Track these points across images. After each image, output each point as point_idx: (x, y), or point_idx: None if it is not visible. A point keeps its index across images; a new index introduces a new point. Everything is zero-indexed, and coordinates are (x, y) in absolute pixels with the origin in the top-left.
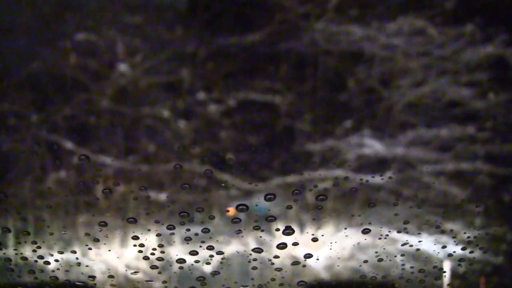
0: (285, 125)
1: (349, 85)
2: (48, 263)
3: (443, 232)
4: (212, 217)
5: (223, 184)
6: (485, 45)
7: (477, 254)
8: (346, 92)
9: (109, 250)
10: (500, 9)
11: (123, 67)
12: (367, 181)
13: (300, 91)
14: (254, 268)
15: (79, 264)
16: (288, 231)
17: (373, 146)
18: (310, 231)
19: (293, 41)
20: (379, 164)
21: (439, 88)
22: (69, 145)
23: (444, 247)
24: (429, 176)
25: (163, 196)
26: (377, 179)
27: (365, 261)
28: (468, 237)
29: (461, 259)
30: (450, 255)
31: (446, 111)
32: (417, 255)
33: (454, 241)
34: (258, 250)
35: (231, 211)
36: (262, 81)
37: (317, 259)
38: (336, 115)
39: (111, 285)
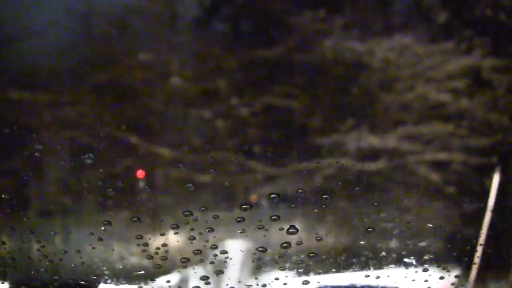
0: (299, 123)
1: (352, 90)
2: (52, 262)
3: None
4: (216, 216)
5: (250, 170)
6: (463, 57)
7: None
8: (349, 96)
9: (113, 250)
10: (476, 27)
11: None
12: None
13: (312, 96)
14: (258, 267)
15: (83, 263)
16: (292, 230)
17: (370, 140)
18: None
19: (306, 54)
20: (374, 154)
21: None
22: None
23: None
24: (414, 164)
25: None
26: (372, 166)
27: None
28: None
29: None
30: None
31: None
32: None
33: None
34: (262, 250)
35: (255, 198)
36: (281, 88)
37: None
38: (340, 114)
39: (114, 284)
